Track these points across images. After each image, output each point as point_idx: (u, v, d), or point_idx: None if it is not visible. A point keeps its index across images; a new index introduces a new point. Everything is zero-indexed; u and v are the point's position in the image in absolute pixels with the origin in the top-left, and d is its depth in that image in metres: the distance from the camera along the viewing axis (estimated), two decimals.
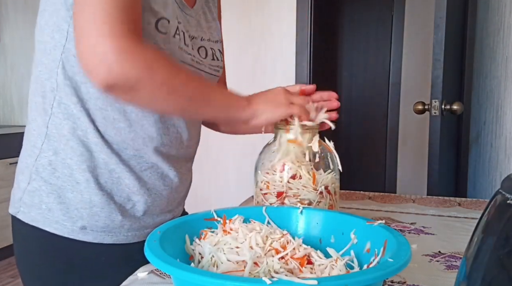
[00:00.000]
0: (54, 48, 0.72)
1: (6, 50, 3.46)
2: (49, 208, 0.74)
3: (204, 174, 2.69)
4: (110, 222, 0.75)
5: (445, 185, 1.97)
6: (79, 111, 0.72)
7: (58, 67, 0.72)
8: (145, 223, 0.80)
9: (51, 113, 0.74)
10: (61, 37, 0.71)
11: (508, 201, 0.36)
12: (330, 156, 0.79)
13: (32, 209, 0.75)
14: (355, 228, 0.61)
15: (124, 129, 0.74)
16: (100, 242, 0.76)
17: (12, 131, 3.06)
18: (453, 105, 1.78)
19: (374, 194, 1.26)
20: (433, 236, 0.89)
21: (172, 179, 0.81)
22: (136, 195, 0.77)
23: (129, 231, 0.78)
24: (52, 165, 0.74)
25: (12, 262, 2.93)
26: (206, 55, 0.85)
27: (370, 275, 0.45)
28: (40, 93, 0.74)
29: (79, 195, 0.74)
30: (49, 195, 0.74)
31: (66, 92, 0.72)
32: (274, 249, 0.56)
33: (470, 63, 2.18)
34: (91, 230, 0.75)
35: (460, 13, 2.07)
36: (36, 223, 0.75)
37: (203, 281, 0.43)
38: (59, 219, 0.74)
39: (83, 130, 0.73)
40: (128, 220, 0.77)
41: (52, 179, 0.74)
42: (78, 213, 0.74)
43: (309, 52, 2.49)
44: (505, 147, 1.61)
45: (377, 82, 3.77)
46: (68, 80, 0.72)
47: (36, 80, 0.75)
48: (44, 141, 0.74)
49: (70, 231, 0.74)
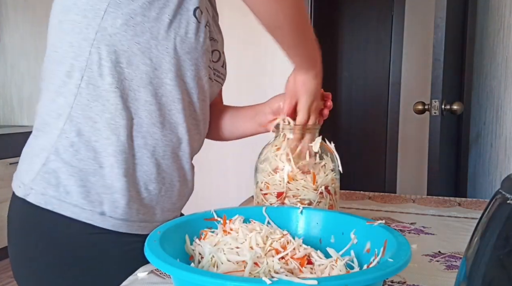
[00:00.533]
0: (87, 27, 0.69)
1: (6, 50, 3.46)
2: (67, 190, 0.72)
3: (204, 174, 2.69)
4: (129, 209, 0.75)
5: (445, 185, 1.98)
6: (110, 93, 0.71)
7: (92, 47, 0.70)
8: (155, 216, 0.80)
9: (77, 93, 0.71)
10: (95, 16, 0.69)
11: (508, 201, 0.36)
12: (331, 156, 0.79)
13: (47, 191, 0.72)
14: (355, 228, 0.61)
15: (155, 112, 0.74)
16: (117, 230, 0.75)
17: (12, 131, 3.06)
18: (453, 105, 1.78)
19: (374, 194, 1.26)
20: (433, 236, 0.89)
21: (186, 171, 0.83)
22: (152, 183, 0.77)
23: (142, 222, 0.78)
24: (74, 147, 0.72)
25: None
26: (218, 59, 0.87)
27: (370, 275, 0.45)
28: (64, 73, 0.72)
29: (102, 179, 0.72)
30: (69, 177, 0.72)
31: (100, 73, 0.70)
32: (274, 249, 0.56)
33: (470, 63, 2.18)
34: (110, 216, 0.73)
35: (460, 13, 2.07)
36: (51, 206, 0.72)
37: (203, 281, 0.43)
38: (78, 203, 0.72)
39: (112, 113, 0.71)
40: (143, 209, 0.77)
41: (74, 161, 0.72)
42: (98, 197, 0.72)
43: None
44: (505, 147, 1.61)
45: (377, 82, 3.77)
46: (104, 60, 0.70)
47: (58, 60, 0.73)
48: (66, 122, 0.72)
49: (89, 216, 0.72)
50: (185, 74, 0.76)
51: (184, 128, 0.78)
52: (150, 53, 0.71)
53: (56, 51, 0.73)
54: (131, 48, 0.70)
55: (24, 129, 3.17)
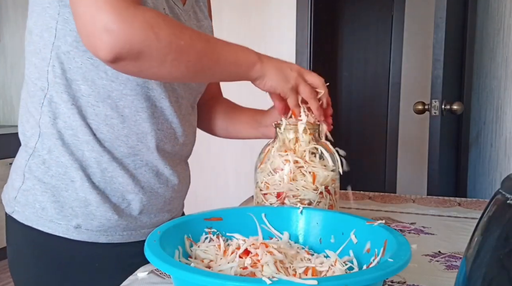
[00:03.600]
0: (44, 47, 0.71)
1: (6, 50, 3.46)
2: (42, 207, 0.73)
3: (204, 174, 2.69)
4: (106, 221, 0.75)
5: (445, 185, 1.98)
6: (69, 110, 0.71)
7: (49, 66, 0.71)
8: (141, 222, 0.79)
9: (41, 112, 0.73)
10: (50, 35, 0.70)
11: (508, 201, 0.36)
12: (331, 156, 0.79)
13: (26, 208, 0.75)
14: (355, 228, 0.61)
15: (117, 126, 0.73)
16: (95, 241, 0.75)
17: (12, 131, 3.06)
18: (453, 105, 1.78)
19: (374, 194, 1.26)
20: (433, 236, 0.89)
21: (167, 177, 0.81)
22: (130, 194, 0.76)
23: (124, 230, 0.77)
24: (45, 164, 0.74)
25: None
26: None
27: (370, 275, 0.45)
28: (31, 93, 0.74)
29: (74, 194, 0.73)
30: (43, 194, 0.73)
31: (57, 91, 0.72)
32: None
33: (470, 63, 2.18)
34: (86, 229, 0.74)
35: (460, 13, 2.07)
36: (31, 223, 0.74)
37: (203, 281, 0.43)
38: (53, 218, 0.73)
39: (74, 129, 0.72)
40: (124, 219, 0.76)
41: (46, 177, 0.74)
42: (72, 211, 0.73)
43: (309, 52, 2.49)
44: (505, 147, 1.61)
45: (377, 82, 3.77)
46: (59, 78, 0.71)
47: (27, 81, 0.75)
48: (38, 140, 0.74)
49: (65, 230, 0.73)
50: (147, 81, 0.74)
51: (153, 136, 0.76)
52: (104, 67, 0.70)
53: (27, 72, 0.75)
54: (84, 64, 0.70)
55: None
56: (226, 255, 0.57)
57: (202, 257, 0.58)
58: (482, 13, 2.09)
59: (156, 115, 0.76)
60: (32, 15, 0.73)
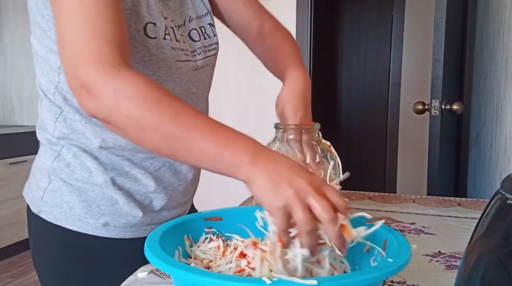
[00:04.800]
0: (51, 69, 0.72)
1: (6, 50, 3.46)
2: (70, 206, 0.75)
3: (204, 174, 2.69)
4: (132, 218, 0.77)
5: (445, 185, 1.97)
6: (84, 128, 0.73)
7: (56, 88, 0.73)
8: (162, 216, 0.81)
9: (55, 127, 0.75)
10: (56, 59, 0.71)
11: (508, 201, 0.36)
12: (331, 156, 0.79)
13: (54, 208, 0.76)
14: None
15: None
16: (122, 237, 0.77)
17: (12, 131, 3.06)
18: (453, 105, 1.78)
19: (374, 194, 1.26)
20: (433, 236, 0.89)
21: (185, 173, 0.83)
22: (153, 193, 0.78)
23: (148, 225, 0.80)
24: (70, 167, 0.75)
25: (12, 262, 2.93)
26: (199, 37, 0.82)
27: (370, 275, 0.45)
28: (47, 107, 0.75)
29: (100, 193, 0.75)
30: (70, 194, 0.75)
31: (68, 111, 0.73)
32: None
33: (470, 63, 2.18)
34: (114, 226, 0.76)
35: (460, 13, 2.07)
36: (59, 222, 0.76)
37: (203, 281, 0.43)
38: (81, 217, 0.75)
39: (91, 143, 0.73)
40: (148, 215, 0.79)
41: (71, 180, 0.75)
42: (100, 210, 0.75)
43: (309, 52, 2.49)
44: (505, 147, 1.61)
45: (377, 82, 3.77)
46: (69, 100, 0.72)
47: (42, 93, 0.76)
48: (64, 146, 0.76)
49: (93, 228, 0.76)
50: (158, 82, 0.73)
51: None
52: None
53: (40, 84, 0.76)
54: None
55: (24, 129, 3.16)
56: (225, 255, 0.57)
57: (202, 257, 0.58)
58: (482, 13, 2.09)
59: None
60: (35, 35, 0.73)
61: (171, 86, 0.76)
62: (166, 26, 0.74)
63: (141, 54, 0.70)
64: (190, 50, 0.79)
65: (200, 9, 0.85)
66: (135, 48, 0.69)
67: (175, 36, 0.76)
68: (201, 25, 0.84)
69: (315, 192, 0.50)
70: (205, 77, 0.85)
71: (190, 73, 0.79)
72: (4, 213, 2.92)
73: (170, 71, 0.75)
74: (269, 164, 0.54)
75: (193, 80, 0.81)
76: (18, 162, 3.01)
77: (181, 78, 0.77)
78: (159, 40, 0.71)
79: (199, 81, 0.83)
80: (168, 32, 0.74)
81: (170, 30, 0.75)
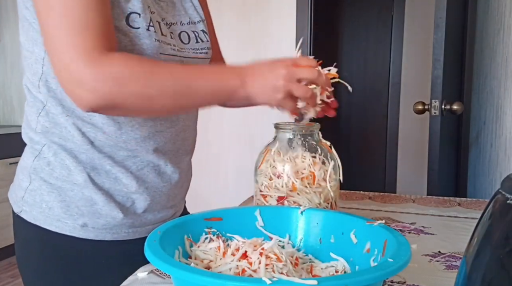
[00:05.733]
0: (35, 62, 0.72)
1: (6, 50, 3.46)
2: (49, 206, 0.74)
3: (204, 174, 2.69)
4: (111, 219, 0.75)
5: (445, 185, 1.97)
6: (65, 121, 0.72)
7: (40, 80, 0.72)
8: (146, 220, 0.80)
9: (37, 122, 0.75)
10: (40, 50, 0.71)
11: (508, 201, 0.36)
12: (331, 156, 0.79)
13: (33, 208, 0.76)
14: (355, 228, 0.61)
15: (115, 132, 0.73)
16: (101, 239, 0.76)
17: (12, 131, 3.06)
18: (453, 105, 1.78)
19: (374, 194, 1.26)
20: (433, 236, 0.89)
21: (170, 175, 0.81)
22: (135, 194, 0.77)
23: (130, 228, 0.78)
24: (50, 166, 0.74)
25: (12, 262, 2.93)
26: (189, 40, 0.82)
27: (370, 275, 0.45)
28: (30, 103, 0.76)
29: (80, 193, 0.74)
30: (49, 194, 0.74)
31: (51, 103, 0.73)
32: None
33: (470, 63, 2.18)
34: (92, 227, 0.75)
35: (460, 13, 2.07)
36: (38, 222, 0.75)
37: (203, 281, 0.43)
38: (60, 217, 0.74)
39: (72, 138, 0.73)
40: (130, 217, 0.77)
41: (51, 179, 0.75)
42: (78, 210, 0.74)
43: (309, 52, 2.49)
44: (505, 147, 1.61)
45: (377, 82, 3.77)
46: (52, 92, 0.72)
47: (26, 90, 0.77)
48: (45, 145, 0.75)
49: (72, 228, 0.74)
50: None
51: (151, 139, 0.76)
52: None
53: (25, 81, 0.77)
54: None
55: None
56: (226, 256, 0.57)
57: (202, 257, 0.58)
58: (482, 13, 2.09)
59: (153, 117, 0.76)
60: (23, 30, 0.73)
61: None
62: (151, 19, 0.73)
63: (123, 44, 0.70)
64: (178, 47, 0.78)
65: (193, 16, 0.85)
66: (118, 37, 0.69)
67: (161, 29, 0.75)
68: (194, 30, 0.84)
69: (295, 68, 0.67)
70: None
71: None
72: (4, 213, 2.92)
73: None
74: (255, 76, 0.68)
75: None
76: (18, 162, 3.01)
77: None
78: (143, 31, 0.71)
79: None
80: (153, 24, 0.73)
81: (156, 24, 0.74)
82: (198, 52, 0.83)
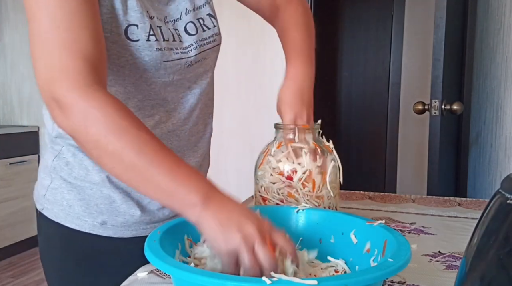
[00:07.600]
0: None
1: (6, 50, 3.46)
2: (70, 204, 0.77)
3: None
4: (130, 217, 0.77)
5: (445, 185, 1.97)
6: None
7: None
8: (163, 215, 0.81)
9: (53, 126, 0.77)
10: None
11: (508, 201, 0.36)
12: (331, 156, 0.79)
13: (54, 206, 0.78)
14: (355, 228, 0.61)
15: None
16: (121, 236, 0.78)
17: (12, 131, 3.06)
18: (453, 105, 1.78)
19: (374, 194, 1.26)
20: (433, 236, 0.89)
21: None
22: None
23: (148, 224, 0.80)
24: (69, 166, 0.77)
25: (12, 262, 2.93)
26: (196, 31, 0.80)
27: (370, 275, 0.45)
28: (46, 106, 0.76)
29: (98, 192, 0.76)
30: (69, 192, 0.77)
31: None
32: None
33: (470, 63, 2.18)
34: (112, 225, 0.77)
35: (460, 13, 2.07)
36: (59, 219, 0.78)
37: (203, 281, 0.43)
38: (79, 215, 0.76)
39: None
40: (147, 214, 0.79)
41: (70, 178, 0.77)
42: (97, 208, 0.76)
43: None
44: (505, 147, 1.61)
45: (377, 82, 3.77)
46: None
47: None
48: (64, 145, 0.77)
49: (91, 226, 0.77)
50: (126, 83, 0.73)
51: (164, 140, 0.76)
52: None
53: None
54: None
55: (24, 129, 3.16)
56: None
57: (202, 257, 0.58)
58: (482, 13, 2.09)
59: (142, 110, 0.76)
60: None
61: (161, 86, 0.76)
62: (151, 26, 0.72)
63: (125, 58, 0.69)
64: (182, 46, 0.77)
65: (198, 1, 0.82)
66: (119, 53, 0.69)
67: (162, 35, 0.74)
68: (199, 17, 0.81)
69: (261, 238, 0.52)
70: (202, 71, 0.83)
71: (182, 71, 0.77)
72: (4, 213, 2.92)
73: (158, 73, 0.74)
74: (220, 207, 0.55)
75: (187, 76, 0.80)
76: (18, 162, 3.01)
77: (171, 77, 0.76)
78: (143, 42, 0.70)
79: (195, 76, 0.81)
80: (154, 32, 0.72)
81: (157, 30, 0.73)
82: (204, 43, 0.81)
